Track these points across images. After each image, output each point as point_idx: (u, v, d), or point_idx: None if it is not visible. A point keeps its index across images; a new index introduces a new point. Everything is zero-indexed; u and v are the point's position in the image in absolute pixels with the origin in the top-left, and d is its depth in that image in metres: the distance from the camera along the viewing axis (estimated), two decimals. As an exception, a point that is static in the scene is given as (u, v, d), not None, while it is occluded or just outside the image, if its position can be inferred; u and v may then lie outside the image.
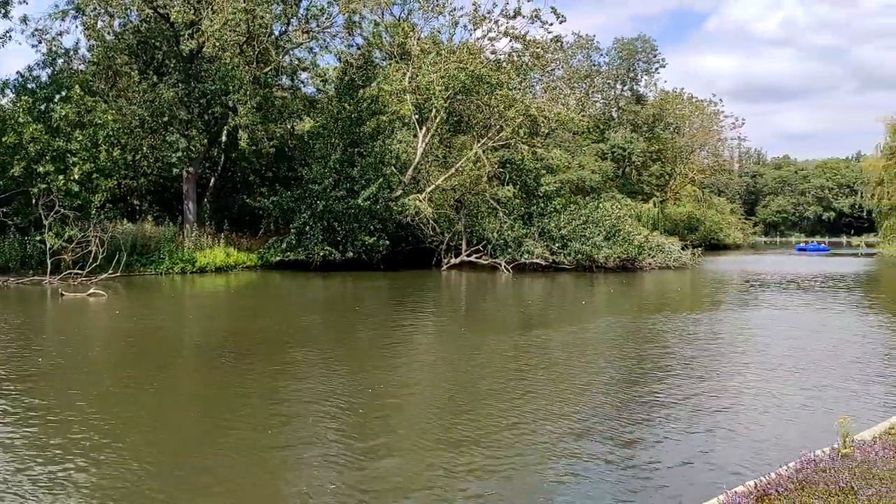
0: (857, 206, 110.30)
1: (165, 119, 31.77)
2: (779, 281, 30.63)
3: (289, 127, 38.81)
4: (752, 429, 8.04)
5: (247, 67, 33.15)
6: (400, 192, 35.03)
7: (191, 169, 33.42)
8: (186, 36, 31.40)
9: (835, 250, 75.92)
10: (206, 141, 33.92)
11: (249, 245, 34.25)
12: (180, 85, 31.46)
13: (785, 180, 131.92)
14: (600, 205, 39.41)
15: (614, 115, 74.45)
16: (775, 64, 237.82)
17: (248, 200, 34.33)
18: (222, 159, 37.40)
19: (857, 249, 73.43)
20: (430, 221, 35.17)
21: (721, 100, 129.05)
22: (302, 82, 39.54)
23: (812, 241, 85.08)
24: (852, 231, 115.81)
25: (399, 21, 42.06)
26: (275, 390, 9.95)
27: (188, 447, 7.55)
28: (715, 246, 70.46)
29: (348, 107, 33.85)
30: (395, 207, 33.95)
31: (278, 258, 32.83)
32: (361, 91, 34.53)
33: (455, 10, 39.88)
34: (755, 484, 5.02)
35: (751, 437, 7.74)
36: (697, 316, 18.55)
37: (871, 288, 29.99)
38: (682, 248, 40.33)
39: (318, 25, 35.87)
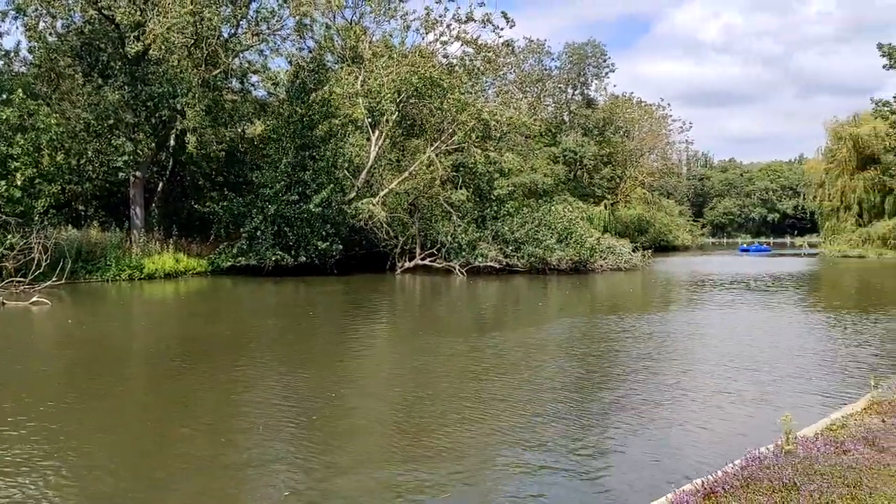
0: (799, 208, 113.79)
1: (111, 122, 30.99)
2: (726, 281, 31.32)
3: (239, 130, 38.26)
4: (701, 427, 8.19)
5: (195, 70, 32.58)
6: (353, 195, 34.83)
7: (138, 173, 32.67)
8: (132, 38, 30.72)
9: (779, 251, 78.06)
10: (153, 145, 33.22)
11: (199, 251, 33.62)
12: (126, 88, 30.74)
13: (731, 183, 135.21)
14: (553, 208, 39.83)
15: (566, 118, 75.30)
16: (720, 69, 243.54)
17: (197, 205, 33.72)
18: (171, 163, 36.65)
19: (800, 250, 75.63)
20: (384, 225, 35.04)
21: (669, 104, 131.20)
22: (252, 85, 39.06)
23: (755, 243, 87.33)
24: (796, 232, 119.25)
25: (351, 24, 41.86)
26: (228, 399, 9.78)
27: (138, 461, 7.35)
28: (664, 247, 71.75)
29: (300, 110, 33.51)
30: (348, 211, 33.74)
31: (229, 264, 32.31)
32: (313, 94, 34.23)
33: (407, 14, 39.89)
34: (702, 482, 5.10)
35: (700, 436, 7.88)
36: (649, 316, 18.83)
37: (814, 287, 30.89)
38: (633, 250, 41.01)
39: (268, 28, 35.48)
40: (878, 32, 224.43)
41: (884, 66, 37.84)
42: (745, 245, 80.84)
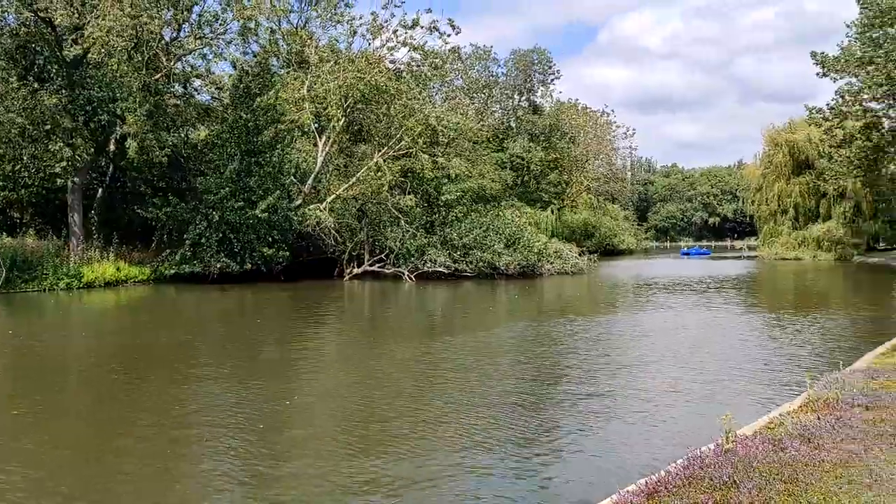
0: (739, 212, 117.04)
1: (48, 127, 30.01)
2: (670, 284, 31.99)
3: (182, 136, 37.49)
4: (649, 426, 8.34)
5: (135, 74, 31.81)
6: (300, 201, 34.49)
7: (76, 179, 31.72)
8: (70, 41, 29.87)
9: (720, 254, 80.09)
10: (92, 150, 32.29)
11: (141, 258, 32.80)
12: (63, 91, 29.84)
13: (673, 187, 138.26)
14: (501, 213, 40.11)
15: (513, 124, 75.91)
16: (663, 76, 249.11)
17: (139, 211, 32.90)
18: (111, 169, 35.72)
19: (740, 252, 77.74)
20: (332, 231, 34.78)
21: (613, 110, 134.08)
22: (196, 90, 38.39)
23: (695, 246, 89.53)
24: (736, 235, 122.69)
25: (296, 29, 41.51)
26: (171, 410, 9.56)
27: (77, 477, 7.12)
28: (610, 251, 72.92)
29: (245, 115, 33.02)
30: (295, 217, 33.37)
31: (173, 271, 31.61)
32: (258, 99, 33.77)
33: (353, 19, 39.71)
34: (646, 482, 5.19)
35: (647, 435, 8.02)
36: (597, 319, 19.10)
37: (754, 289, 31.77)
38: (580, 254, 41.58)
39: (211, 32, 34.91)
40: (813, 42, 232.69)
41: (817, 74, 39.07)
42: (685, 249, 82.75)
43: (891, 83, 34.67)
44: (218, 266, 31.01)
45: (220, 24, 34.86)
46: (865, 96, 36.94)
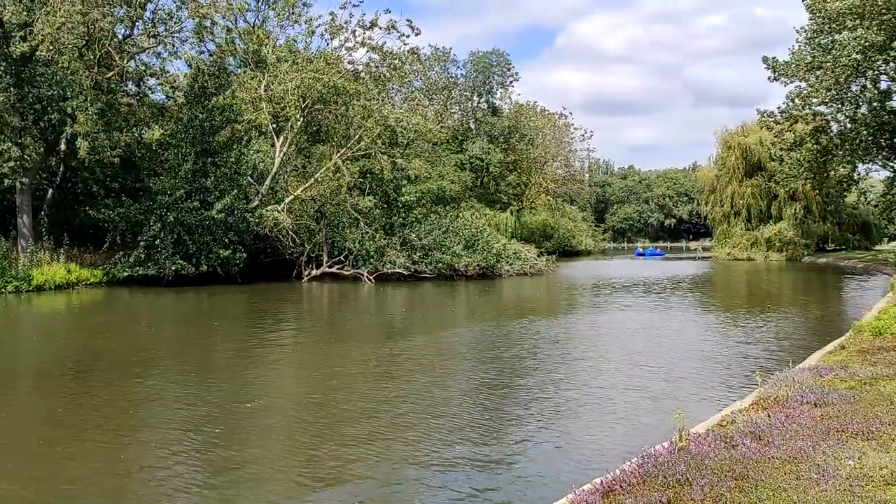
0: (694, 213, 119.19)
1: (-5, 126, 29.24)
2: (627, 284, 32.42)
3: (136, 135, 36.76)
4: (606, 425, 8.43)
5: (87, 72, 31.13)
6: (257, 202, 34.10)
7: (25, 180, 30.89)
8: (18, 38, 29.08)
9: (675, 255, 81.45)
10: (41, 150, 31.54)
11: (94, 260, 32.06)
12: (12, 90, 29.06)
13: (631, 189, 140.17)
14: (460, 214, 40.20)
15: (472, 126, 76.20)
16: (620, 80, 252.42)
17: (91, 212, 32.15)
18: (61, 169, 34.88)
19: (695, 253, 79.13)
20: (290, 233, 34.47)
21: (571, 113, 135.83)
22: (150, 89, 37.70)
23: (649, 247, 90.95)
24: (691, 236, 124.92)
25: (253, 28, 41.05)
26: (124, 415, 9.35)
27: (27, 483, 6.92)
28: (568, 252, 73.56)
29: (200, 115, 32.52)
30: (252, 219, 32.97)
31: (126, 273, 30.98)
32: (214, 99, 33.30)
33: (311, 19, 39.43)
34: (601, 481, 5.24)
35: (605, 434, 8.10)
36: (555, 319, 19.26)
37: (708, 289, 32.37)
38: (538, 255, 41.86)
39: (166, 30, 34.33)
40: (765, 47, 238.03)
41: (768, 79, 39.91)
42: (640, 249, 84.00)
43: (838, 88, 35.61)
44: (173, 268, 30.50)
45: (175, 23, 34.33)
46: (815, 100, 37.83)
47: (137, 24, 34.03)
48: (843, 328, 14.42)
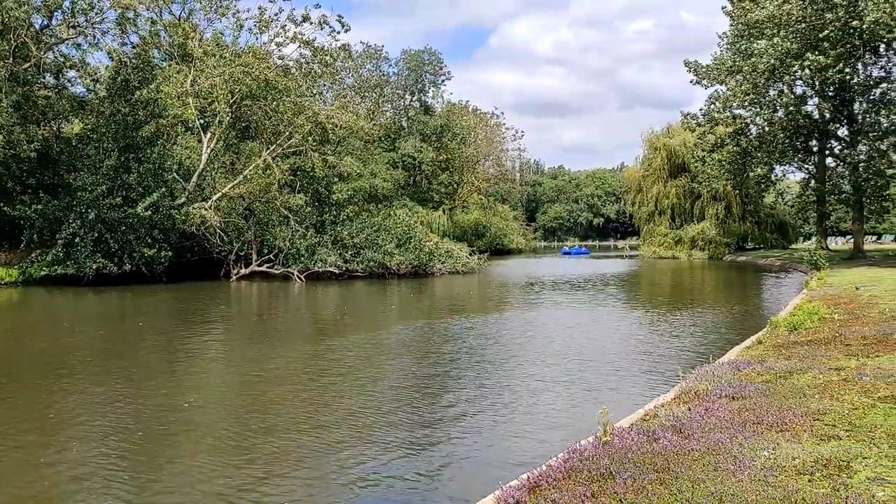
0: (622, 213, 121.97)
1: None
2: (557, 282, 32.93)
3: (54, 129, 35.37)
4: (534, 422, 8.53)
5: (1, 63, 29.76)
6: (183, 199, 33.24)
7: (-67, 174, 29.37)
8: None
9: (604, 253, 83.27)
10: (-49, 143, 29.98)
11: (9, 259, 30.74)
12: (-83, 79, 27.59)
13: (561, 189, 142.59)
14: (392, 213, 40.10)
15: (404, 124, 76.15)
16: (551, 81, 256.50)
17: (6, 209, 30.72)
18: (-27, 164, 33.26)
19: (622, 252, 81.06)
20: (218, 231, 33.74)
21: (503, 113, 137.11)
22: (69, 81, 36.31)
23: (575, 246, 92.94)
24: (619, 235, 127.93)
25: (179, 20, 39.98)
26: (42, 419, 8.96)
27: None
28: (500, 251, 74.28)
29: (123, 109, 31.49)
30: (178, 216, 32.12)
31: (44, 273, 29.76)
32: (138, 93, 32.29)
33: (240, 12, 38.67)
34: (528, 477, 5.31)
35: (532, 431, 8.20)
36: (487, 317, 19.40)
37: (634, 286, 33.18)
38: (470, 254, 42.14)
39: (86, 20, 33.12)
40: (691, 51, 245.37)
41: (691, 82, 41.23)
42: (566, 248, 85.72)
43: (757, 92, 37.05)
44: (94, 267, 29.45)
45: (97, 13, 33.17)
46: (734, 104, 39.26)
47: (56, 13, 32.72)
48: (760, 324, 14.98)
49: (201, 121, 35.65)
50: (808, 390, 7.40)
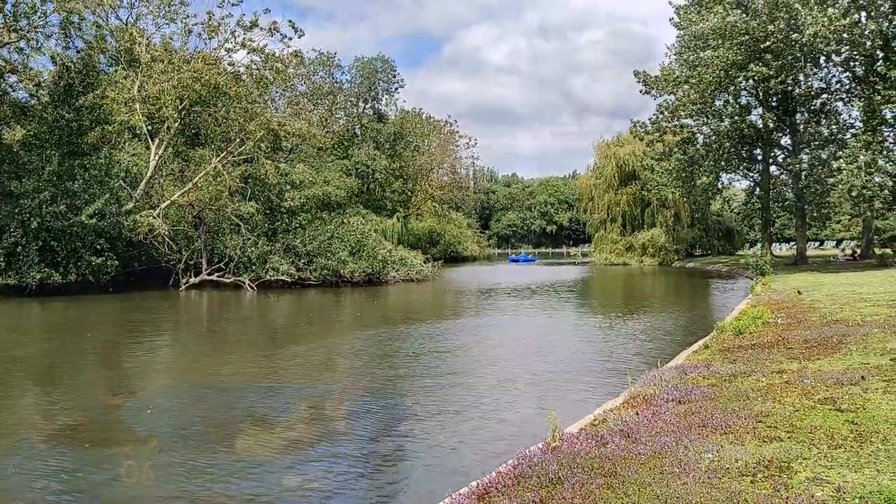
0: (574, 220, 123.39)
1: None
2: (511, 289, 33.12)
3: (-6, 135, 34.29)
4: (485, 429, 8.54)
5: (-62, 66, 28.80)
6: (131, 207, 32.52)
7: None
8: None
9: (556, 259, 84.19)
10: None
11: (-55, 270, 29.59)
12: None
13: (514, 197, 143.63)
14: (346, 220, 39.85)
15: (357, 132, 75.81)
16: (504, 90, 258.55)
17: (-58, 218, 29.68)
18: None
19: (574, 259, 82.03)
20: (166, 239, 33.09)
21: (456, 121, 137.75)
22: (10, 86, 35.17)
23: (522, 253, 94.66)
24: (571, 242, 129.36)
25: (126, 25, 39.15)
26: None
27: None
28: (454, 258, 74.44)
29: (67, 114, 30.72)
30: (125, 224, 31.40)
31: (-17, 284, 28.78)
32: (83, 98, 31.52)
33: (188, 17, 37.99)
34: (477, 484, 5.32)
35: (482, 437, 8.21)
36: (441, 324, 19.40)
37: (586, 293, 33.57)
38: (424, 261, 42.09)
39: (28, 24, 32.18)
40: (642, 61, 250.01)
41: (640, 91, 42.02)
42: (514, 256, 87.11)
43: (703, 102, 37.94)
44: (37, 277, 28.60)
45: (39, 17, 32.24)
46: (682, 113, 40.14)
47: (-4, 16, 31.73)
48: (708, 328, 15.28)
49: (149, 127, 34.96)
50: (751, 393, 7.57)
